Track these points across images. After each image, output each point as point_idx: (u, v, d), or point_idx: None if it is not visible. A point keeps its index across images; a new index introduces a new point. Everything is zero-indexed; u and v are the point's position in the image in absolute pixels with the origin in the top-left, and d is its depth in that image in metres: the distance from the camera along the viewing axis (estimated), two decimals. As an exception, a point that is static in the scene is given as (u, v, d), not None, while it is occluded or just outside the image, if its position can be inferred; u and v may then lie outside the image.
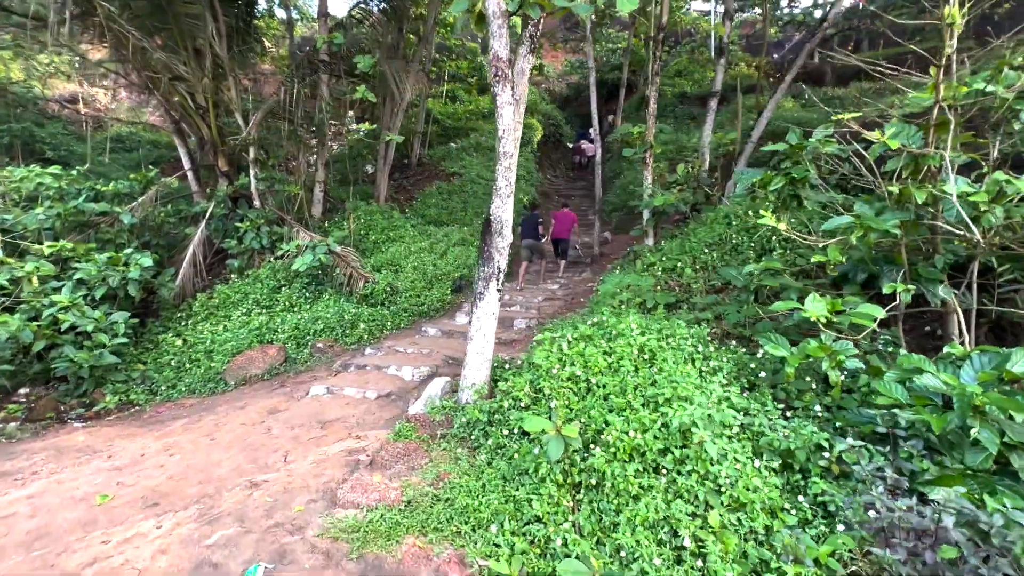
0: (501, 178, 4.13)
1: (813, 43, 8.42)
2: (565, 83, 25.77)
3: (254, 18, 11.68)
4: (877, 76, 4.82)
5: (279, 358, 7.03)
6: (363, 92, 8.49)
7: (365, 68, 8.61)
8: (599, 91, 24.86)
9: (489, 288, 4.38)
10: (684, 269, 6.90)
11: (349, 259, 8.99)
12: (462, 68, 20.07)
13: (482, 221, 4.20)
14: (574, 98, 25.18)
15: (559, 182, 18.87)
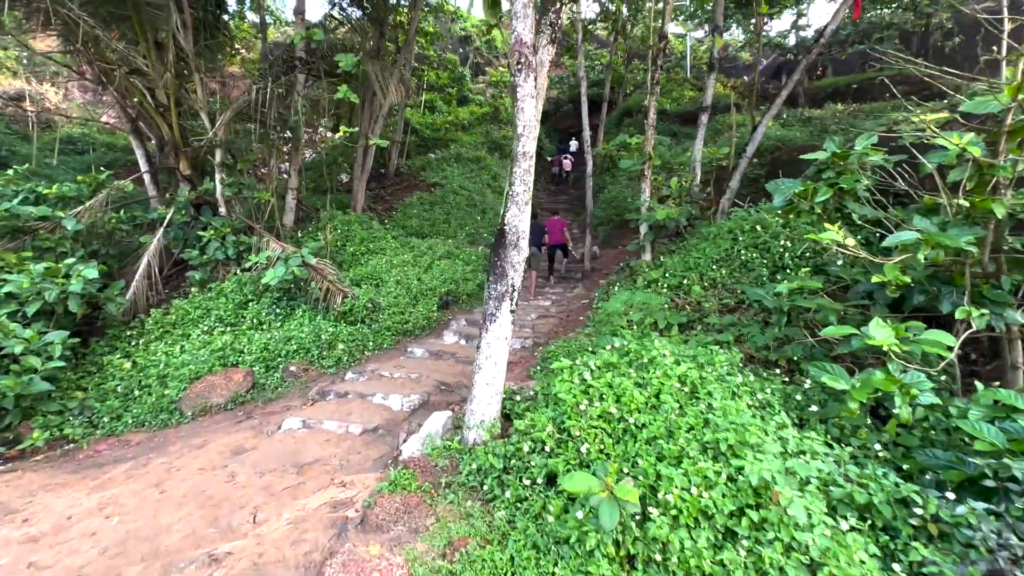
0: (519, 182, 3.53)
1: (809, 59, 8.27)
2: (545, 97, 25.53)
3: (224, 11, 10.82)
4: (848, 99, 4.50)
5: (245, 384, 6.15)
6: (345, 92, 7.79)
7: (348, 67, 7.92)
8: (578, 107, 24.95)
9: (501, 308, 3.75)
10: (692, 286, 6.44)
11: (326, 272, 8.18)
12: (442, 79, 19.53)
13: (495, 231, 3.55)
14: (552, 113, 25.00)
15: (540, 196, 18.40)
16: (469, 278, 9.11)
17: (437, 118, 20.60)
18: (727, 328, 5.44)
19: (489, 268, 3.80)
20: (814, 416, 3.62)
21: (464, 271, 9.17)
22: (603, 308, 6.71)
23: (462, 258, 9.85)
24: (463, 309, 8.75)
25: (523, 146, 3.48)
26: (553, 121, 24.69)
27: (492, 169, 16.04)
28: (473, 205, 13.21)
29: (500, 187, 15.36)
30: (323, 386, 5.95)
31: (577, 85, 24.46)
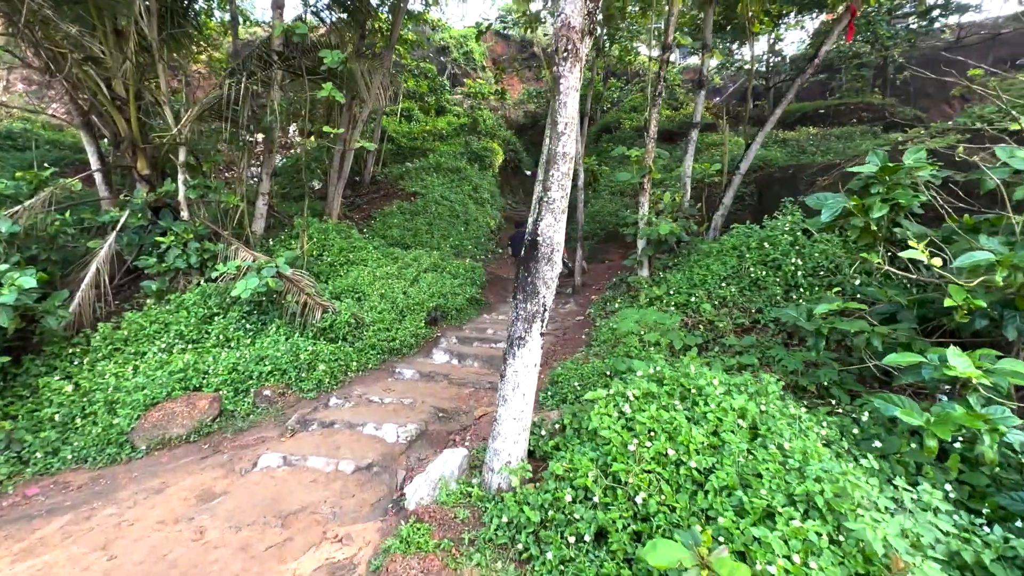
0: (556, 187, 3.06)
1: (804, 78, 8.25)
2: (522, 111, 25.44)
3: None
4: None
5: (211, 411, 5.35)
6: (330, 90, 7.15)
7: (333, 64, 7.31)
8: (555, 121, 24.95)
9: (531, 331, 3.23)
10: (701, 304, 6.11)
11: (303, 284, 7.43)
12: (421, 87, 19.01)
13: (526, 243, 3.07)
14: (530, 126, 24.89)
15: (521, 208, 18.08)
16: (458, 292, 8.53)
17: (414, 127, 20.04)
18: (748, 350, 5.10)
19: (518, 284, 3.28)
20: (874, 452, 3.26)
21: (452, 285, 8.59)
22: (609, 327, 6.28)
23: (449, 271, 9.27)
24: (452, 325, 8.16)
25: (563, 146, 3.02)
26: (531, 135, 24.56)
27: (472, 180, 15.55)
28: (456, 216, 12.66)
29: (481, 198, 14.89)
30: (304, 413, 5.23)
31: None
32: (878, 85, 22.63)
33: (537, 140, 25.06)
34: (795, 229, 6.32)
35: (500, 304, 9.42)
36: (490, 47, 26.67)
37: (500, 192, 17.12)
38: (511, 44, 26.78)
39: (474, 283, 9.23)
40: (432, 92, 20.53)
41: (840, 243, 5.97)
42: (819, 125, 17.51)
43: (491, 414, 5.27)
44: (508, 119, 24.75)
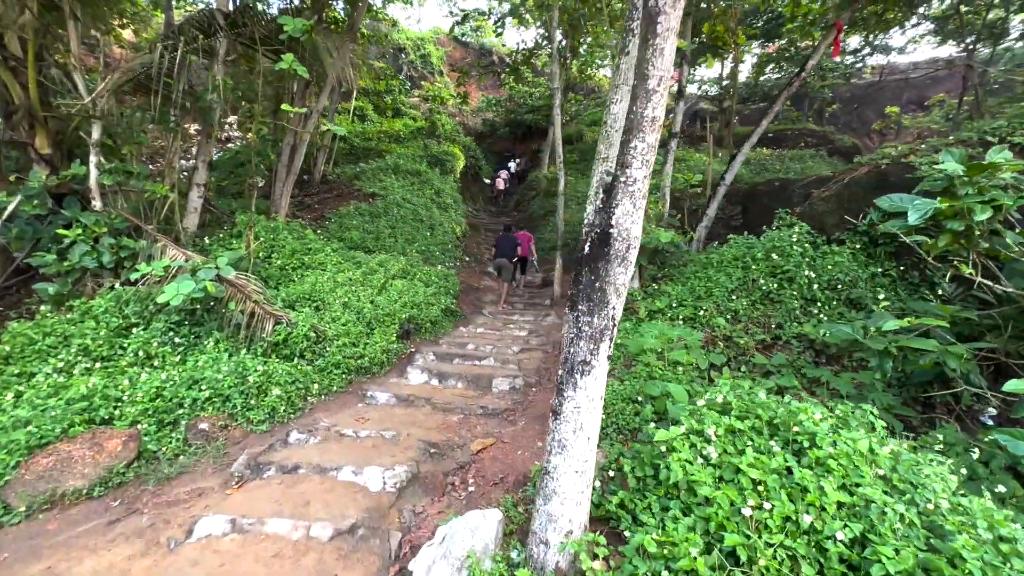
0: (639, 163, 2.29)
1: (791, 91, 8.14)
2: (481, 119, 24.75)
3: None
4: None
5: (126, 453, 4.04)
6: (291, 62, 6.01)
7: (294, 32, 6.18)
8: (515, 131, 24.43)
9: (599, 355, 2.41)
10: (713, 319, 5.57)
11: (249, 290, 6.17)
12: (380, 85, 17.82)
13: (592, 236, 2.26)
14: (488, 134, 24.25)
15: (482, 216, 17.26)
16: (432, 302, 7.54)
17: (368, 127, 18.78)
18: (780, 369, 4.56)
19: (577, 291, 2.46)
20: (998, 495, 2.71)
21: (425, 294, 7.58)
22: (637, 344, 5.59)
23: (420, 278, 8.25)
24: (427, 340, 7.15)
25: (653, 108, 2.26)
26: (488, 143, 23.90)
27: (434, 184, 14.55)
28: (419, 220, 11.62)
29: (445, 203, 13.93)
30: (256, 453, 4.06)
31: (515, 110, 24.14)
32: (810, 116, 24.13)
33: (496, 149, 24.44)
34: (803, 240, 5.96)
35: (476, 316, 8.50)
36: (448, 52, 25.87)
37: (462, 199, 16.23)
38: (469, 51, 26.13)
39: (448, 292, 8.27)
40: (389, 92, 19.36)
41: (849, 255, 5.65)
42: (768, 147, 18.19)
43: (489, 448, 4.38)
44: (466, 126, 23.97)
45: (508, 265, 9.29)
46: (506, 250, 9.29)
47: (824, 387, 4.17)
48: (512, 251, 9.30)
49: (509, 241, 9.43)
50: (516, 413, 5.14)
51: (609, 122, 2.84)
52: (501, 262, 9.30)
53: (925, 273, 5.23)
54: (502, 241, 9.44)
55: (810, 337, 4.94)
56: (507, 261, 9.25)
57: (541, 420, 4.79)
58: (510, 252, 9.27)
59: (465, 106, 22.79)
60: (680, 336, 4.69)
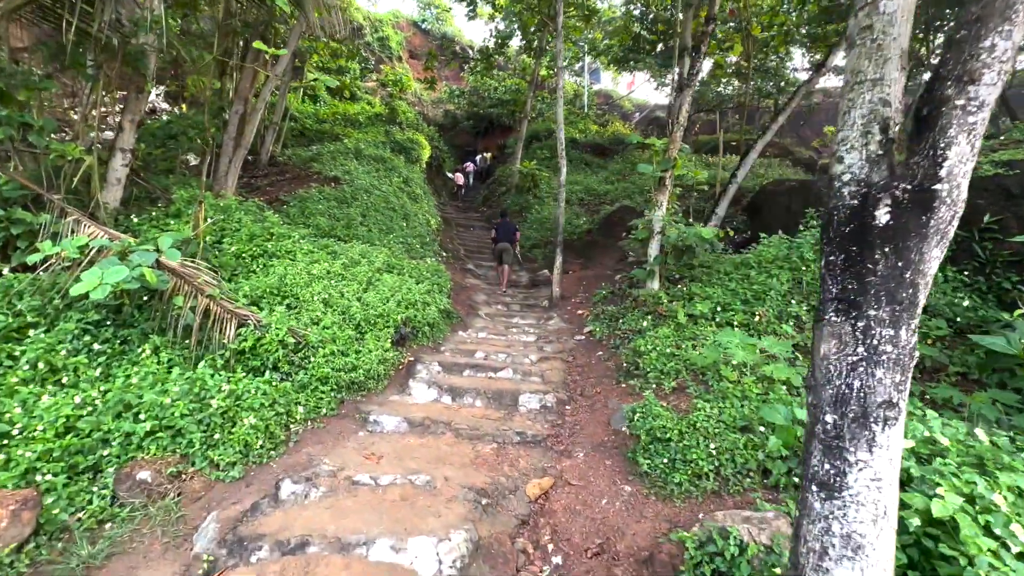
0: (990, 74, 1.38)
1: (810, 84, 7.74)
2: (442, 110, 23.35)
3: None
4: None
5: (15, 530, 2.56)
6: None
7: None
8: (477, 125, 23.26)
9: (904, 391, 1.46)
10: (776, 325, 4.85)
11: (201, 281, 4.67)
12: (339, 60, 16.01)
13: (896, 196, 1.45)
14: (450, 127, 22.93)
15: (449, 210, 15.98)
16: (428, 301, 6.30)
17: (321, 109, 16.91)
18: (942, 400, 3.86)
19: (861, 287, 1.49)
20: None
21: (419, 291, 6.33)
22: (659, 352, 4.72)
23: (410, 272, 6.97)
24: (425, 346, 5.91)
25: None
26: (449, 136, 22.57)
27: (401, 172, 13.13)
28: (393, 209, 10.21)
29: (415, 193, 12.56)
30: (233, 518, 2.73)
31: (478, 103, 22.97)
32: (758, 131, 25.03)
33: (458, 142, 23.14)
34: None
35: (472, 318, 7.33)
36: (408, 38, 24.21)
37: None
38: (431, 38, 24.63)
39: (442, 290, 7.05)
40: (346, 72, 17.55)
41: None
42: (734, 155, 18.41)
43: (551, 491, 3.35)
44: (426, 117, 22.49)
45: (509, 248, 9.57)
46: (505, 234, 9.55)
47: (949, 407, 3.52)
48: (511, 236, 9.62)
49: (508, 227, 9.70)
50: (563, 440, 4.11)
51: (878, 26, 1.95)
52: (504, 246, 9.50)
53: (991, 278, 4.83)
54: (501, 227, 9.66)
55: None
56: (508, 245, 9.54)
57: (604, 451, 3.80)
58: (510, 237, 9.59)
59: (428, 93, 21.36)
60: (766, 347, 3.88)
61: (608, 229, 10.99)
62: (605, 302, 7.54)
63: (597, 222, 11.51)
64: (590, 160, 17.59)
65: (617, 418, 4.15)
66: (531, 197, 14.45)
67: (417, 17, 25.44)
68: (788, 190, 7.51)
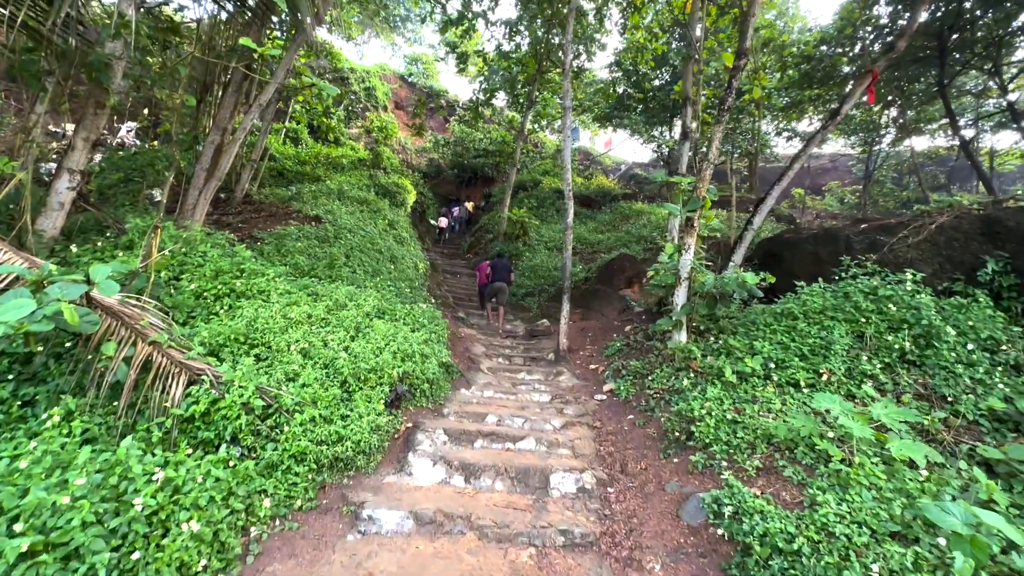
0: None
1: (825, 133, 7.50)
2: (426, 159, 23.10)
3: None
4: None
5: None
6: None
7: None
8: (461, 175, 23.04)
9: None
10: (855, 387, 4.07)
11: (141, 323, 3.58)
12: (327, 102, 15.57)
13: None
14: (434, 176, 22.58)
15: (434, 256, 15.15)
16: (427, 352, 5.27)
17: (301, 151, 16.25)
18: None
19: None
20: None
21: (415, 341, 5.31)
22: (721, 417, 3.84)
23: (404, 318, 5.97)
24: (424, 408, 4.83)
25: None
26: (432, 184, 22.17)
27: (386, 215, 12.35)
28: (379, 250, 9.29)
29: (401, 236, 11.73)
30: None
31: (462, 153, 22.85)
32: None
33: (442, 191, 22.73)
34: (916, 291, 4.81)
35: (473, 372, 6.29)
36: (394, 89, 24.29)
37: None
38: (417, 91, 24.79)
39: (440, 339, 6.04)
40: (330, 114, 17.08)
41: (987, 311, 4.55)
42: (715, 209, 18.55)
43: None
44: (411, 164, 22.15)
45: (505, 289, 9.43)
46: (502, 274, 9.40)
47: None
48: (507, 275, 9.48)
49: (504, 266, 9.56)
50: (621, 541, 3.08)
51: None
52: (499, 286, 9.32)
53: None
54: (498, 266, 9.51)
55: (996, 413, 3.60)
56: (504, 285, 9.39)
57: (687, 560, 2.79)
58: (507, 276, 9.46)
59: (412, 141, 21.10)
60: (882, 416, 3.05)
61: (607, 278, 10.34)
62: (621, 355, 6.69)
63: (594, 270, 10.87)
64: (578, 211, 17.29)
65: (691, 509, 3.17)
66: (521, 244, 13.82)
67: (404, 71, 25.77)
68: (813, 237, 7.06)
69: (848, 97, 7.13)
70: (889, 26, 11.58)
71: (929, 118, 16.22)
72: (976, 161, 12.61)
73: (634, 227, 13.95)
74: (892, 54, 6.94)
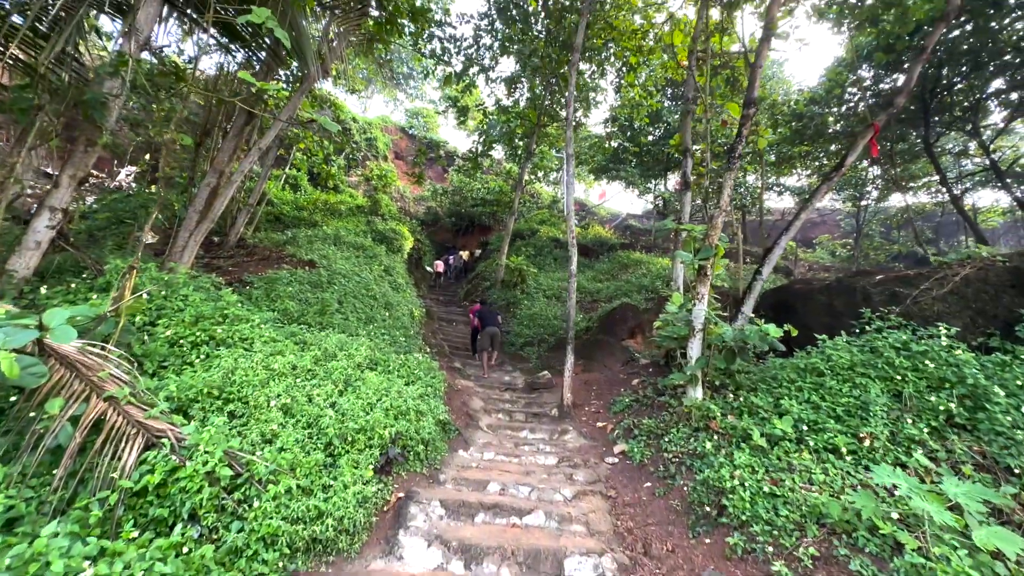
0: None
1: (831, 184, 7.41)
2: (424, 207, 23.23)
3: None
4: None
5: None
6: (266, 18, 3.71)
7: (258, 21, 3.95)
8: (458, 223, 23.09)
9: None
10: (903, 454, 3.62)
11: (98, 375, 3.11)
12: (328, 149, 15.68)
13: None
14: (431, 223, 22.62)
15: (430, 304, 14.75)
16: (423, 409, 4.76)
17: (299, 197, 16.22)
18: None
19: None
20: None
21: (410, 396, 4.81)
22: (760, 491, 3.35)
23: (398, 370, 5.49)
24: (419, 473, 4.27)
25: None
26: (429, 232, 22.16)
27: (382, 260, 12.06)
28: (373, 296, 8.90)
29: (397, 283, 11.39)
30: None
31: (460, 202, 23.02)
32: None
33: (438, 239, 22.69)
34: (951, 346, 4.46)
35: (472, 431, 5.72)
36: (395, 140, 24.83)
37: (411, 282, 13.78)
38: (417, 143, 25.35)
39: (437, 394, 5.53)
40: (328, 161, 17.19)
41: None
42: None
43: None
44: (408, 212, 22.22)
45: (498, 333, 9.52)
46: (491, 321, 9.43)
47: None
48: (495, 322, 9.52)
49: (492, 313, 9.63)
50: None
51: None
52: (492, 331, 9.33)
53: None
54: (485, 314, 9.58)
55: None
56: (496, 330, 9.45)
57: None
58: (494, 322, 9.50)
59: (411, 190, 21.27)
60: (958, 496, 2.59)
61: (609, 328, 9.96)
62: (631, 412, 6.19)
63: (596, 320, 10.50)
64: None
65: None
66: (519, 292, 13.49)
67: (405, 124, 26.47)
68: (826, 288, 6.80)
69: (851, 150, 7.10)
70: (873, 88, 12.01)
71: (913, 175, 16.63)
72: (968, 217, 12.72)
73: (633, 276, 13.73)
74: (892, 109, 6.98)
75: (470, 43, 13.56)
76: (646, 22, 12.39)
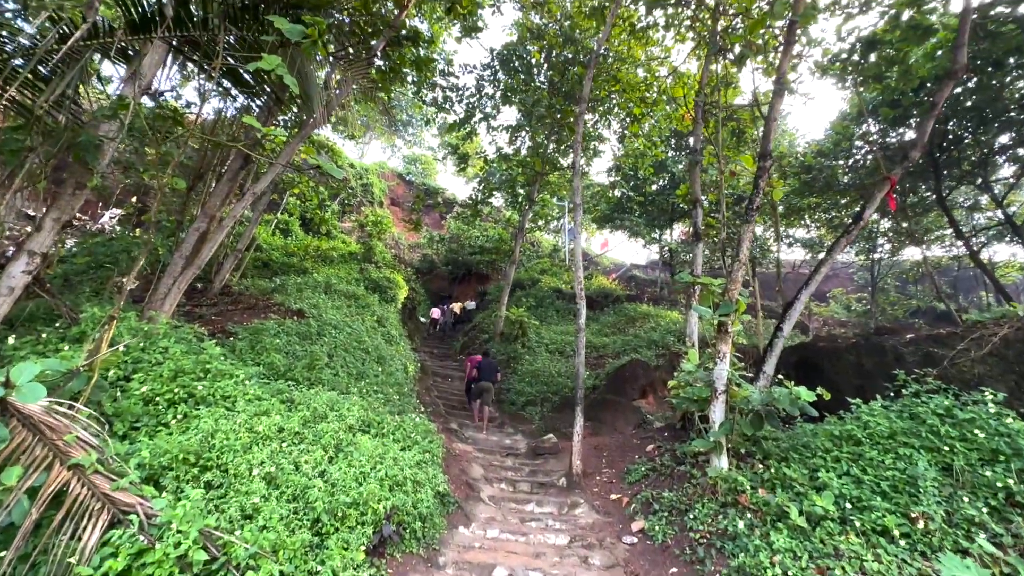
0: None
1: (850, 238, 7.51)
2: (419, 254, 23.43)
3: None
4: None
5: None
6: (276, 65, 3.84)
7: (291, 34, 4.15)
8: (455, 271, 23.22)
9: None
10: (964, 539, 3.40)
11: (63, 438, 2.94)
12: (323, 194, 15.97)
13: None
14: (427, 271, 22.73)
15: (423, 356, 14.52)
16: (421, 479, 4.51)
17: (290, 242, 16.35)
18: None
19: None
20: None
21: (407, 463, 4.57)
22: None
23: (393, 433, 5.26)
24: (415, 554, 3.97)
25: None
26: (424, 281, 22.24)
27: (375, 311, 11.97)
28: (365, 350, 8.74)
29: (390, 335, 11.24)
30: None
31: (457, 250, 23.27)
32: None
33: (434, 287, 22.73)
34: (1001, 413, 4.33)
35: (474, 504, 5.40)
36: (391, 187, 25.46)
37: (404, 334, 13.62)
38: (414, 189, 26.00)
39: (435, 460, 5.27)
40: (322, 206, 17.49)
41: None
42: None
43: None
44: (403, 259, 22.39)
45: (491, 388, 9.54)
46: (488, 376, 9.45)
47: None
48: (493, 376, 9.57)
49: (491, 365, 9.67)
50: None
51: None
52: (486, 386, 9.40)
53: None
54: (484, 367, 9.57)
55: None
56: (490, 384, 9.48)
57: None
58: (492, 377, 9.54)
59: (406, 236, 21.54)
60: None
61: (619, 386, 9.76)
62: (647, 483, 5.91)
63: (603, 378, 10.29)
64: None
65: None
66: (519, 346, 13.31)
67: (403, 170, 27.24)
68: (853, 347, 6.71)
69: (870, 203, 7.27)
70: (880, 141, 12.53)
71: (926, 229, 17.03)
72: (989, 272, 12.89)
73: (642, 330, 13.63)
74: (907, 163, 7.20)
75: (472, 92, 14.19)
76: (650, 75, 13.08)
